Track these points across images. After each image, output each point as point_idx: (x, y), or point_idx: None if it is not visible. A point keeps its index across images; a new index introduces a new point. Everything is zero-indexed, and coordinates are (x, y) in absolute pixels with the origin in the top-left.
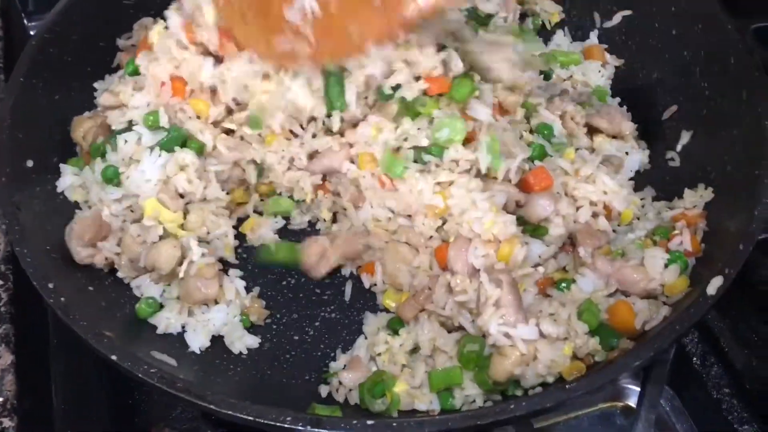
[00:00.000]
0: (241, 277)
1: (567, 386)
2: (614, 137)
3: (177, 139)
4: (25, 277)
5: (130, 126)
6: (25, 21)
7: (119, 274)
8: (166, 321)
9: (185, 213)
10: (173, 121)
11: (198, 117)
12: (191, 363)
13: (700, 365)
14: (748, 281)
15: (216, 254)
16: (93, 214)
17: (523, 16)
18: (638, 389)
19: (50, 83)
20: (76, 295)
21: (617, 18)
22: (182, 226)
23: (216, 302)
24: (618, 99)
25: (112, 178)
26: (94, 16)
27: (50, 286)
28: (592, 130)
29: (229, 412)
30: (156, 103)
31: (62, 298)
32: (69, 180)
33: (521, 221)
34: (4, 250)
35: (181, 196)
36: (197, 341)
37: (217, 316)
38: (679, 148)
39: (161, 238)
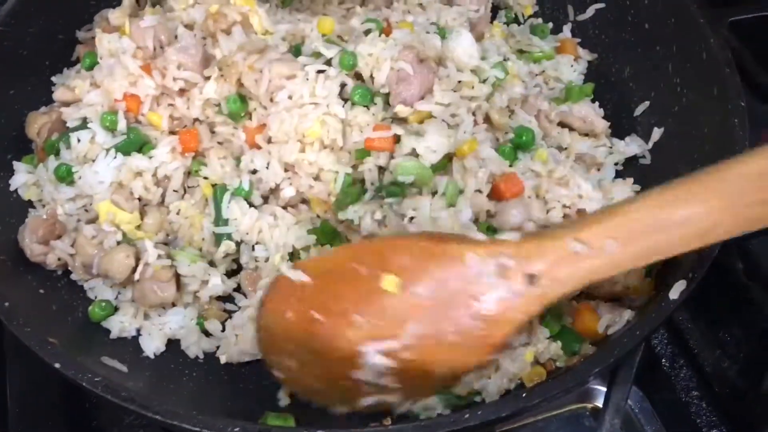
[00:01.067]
0: None
1: (524, 394)
2: (586, 135)
3: (135, 143)
4: None
5: (84, 123)
6: None
7: (72, 276)
8: (120, 325)
9: (142, 214)
10: (131, 123)
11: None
12: (144, 369)
13: (669, 367)
14: (722, 281)
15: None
16: (48, 211)
17: (495, 9)
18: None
19: (5, 78)
20: (25, 299)
21: (590, 11)
22: (139, 227)
23: (173, 304)
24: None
25: (65, 176)
26: (54, 7)
27: None
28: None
29: (175, 423)
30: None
31: (6, 303)
32: (22, 178)
33: (492, 229)
34: None
35: (138, 198)
36: (152, 345)
37: (173, 319)
38: (650, 145)
39: (119, 243)
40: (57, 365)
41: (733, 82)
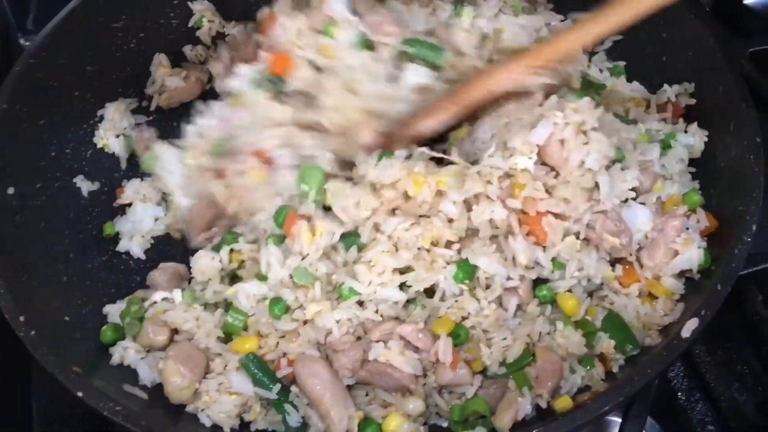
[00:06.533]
0: None
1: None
2: None
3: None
4: None
5: None
6: (22, 40)
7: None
8: (122, 352)
9: None
10: None
11: None
12: (163, 397)
13: (686, 400)
14: (741, 313)
15: None
16: None
17: None
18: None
19: (36, 109)
20: (50, 325)
21: (608, 42)
22: None
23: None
24: None
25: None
26: (82, 39)
27: (21, 319)
28: None
29: None
30: None
31: (32, 332)
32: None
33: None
34: None
35: None
36: (148, 376)
37: None
38: None
39: None
40: (80, 394)
41: (750, 118)
